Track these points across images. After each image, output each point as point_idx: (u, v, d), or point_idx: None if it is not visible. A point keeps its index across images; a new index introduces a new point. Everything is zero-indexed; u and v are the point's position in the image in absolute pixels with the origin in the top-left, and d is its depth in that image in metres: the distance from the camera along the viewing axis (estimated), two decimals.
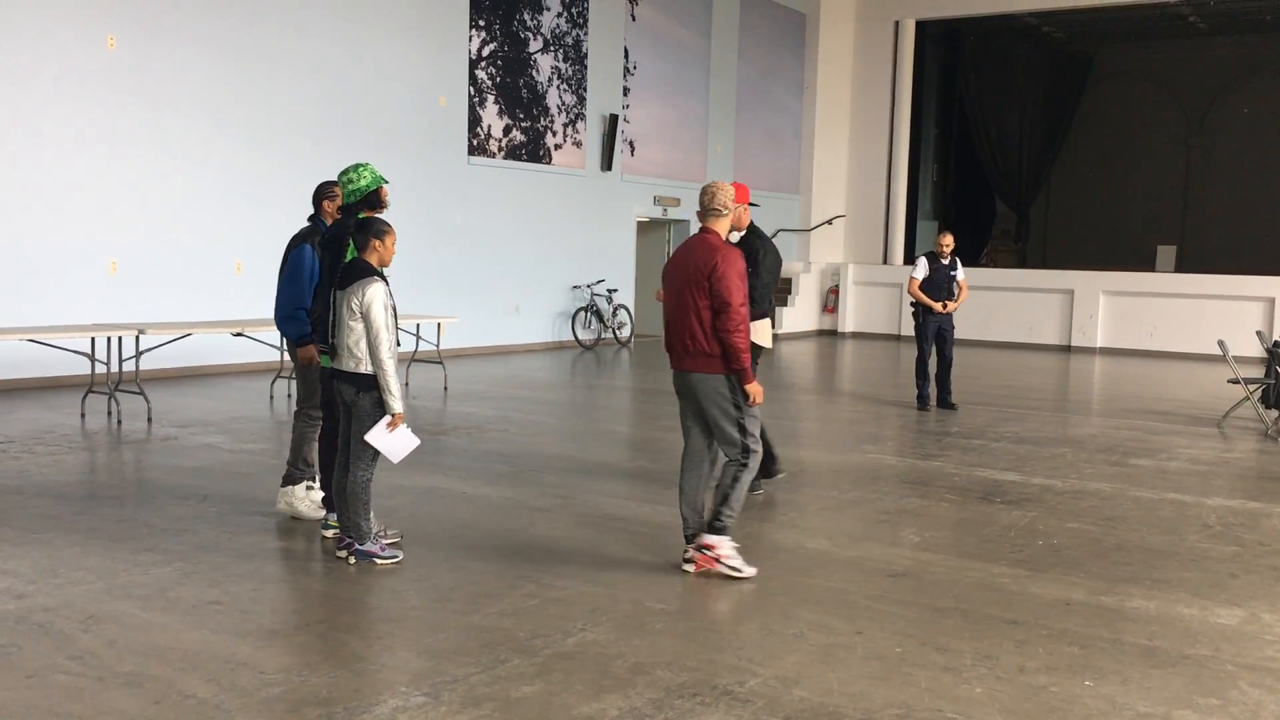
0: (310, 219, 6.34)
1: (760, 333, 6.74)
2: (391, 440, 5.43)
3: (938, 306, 11.25)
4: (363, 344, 5.37)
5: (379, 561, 5.45)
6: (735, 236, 6.93)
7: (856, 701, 3.93)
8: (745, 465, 5.42)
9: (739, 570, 5.36)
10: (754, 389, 5.40)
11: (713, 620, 4.79)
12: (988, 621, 4.82)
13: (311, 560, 5.62)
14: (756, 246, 6.88)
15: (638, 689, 3.99)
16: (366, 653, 4.30)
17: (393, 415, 5.39)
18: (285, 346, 6.58)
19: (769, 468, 7.26)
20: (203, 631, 4.47)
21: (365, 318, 5.33)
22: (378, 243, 5.46)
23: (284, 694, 3.88)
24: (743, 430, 5.43)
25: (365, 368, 5.38)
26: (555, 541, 5.99)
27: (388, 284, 5.48)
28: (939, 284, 11.28)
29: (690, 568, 5.44)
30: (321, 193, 6.33)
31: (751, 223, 6.98)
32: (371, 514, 5.52)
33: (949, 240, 11.38)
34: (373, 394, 5.40)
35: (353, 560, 5.46)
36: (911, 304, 11.52)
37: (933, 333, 11.34)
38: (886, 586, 5.30)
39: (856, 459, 8.69)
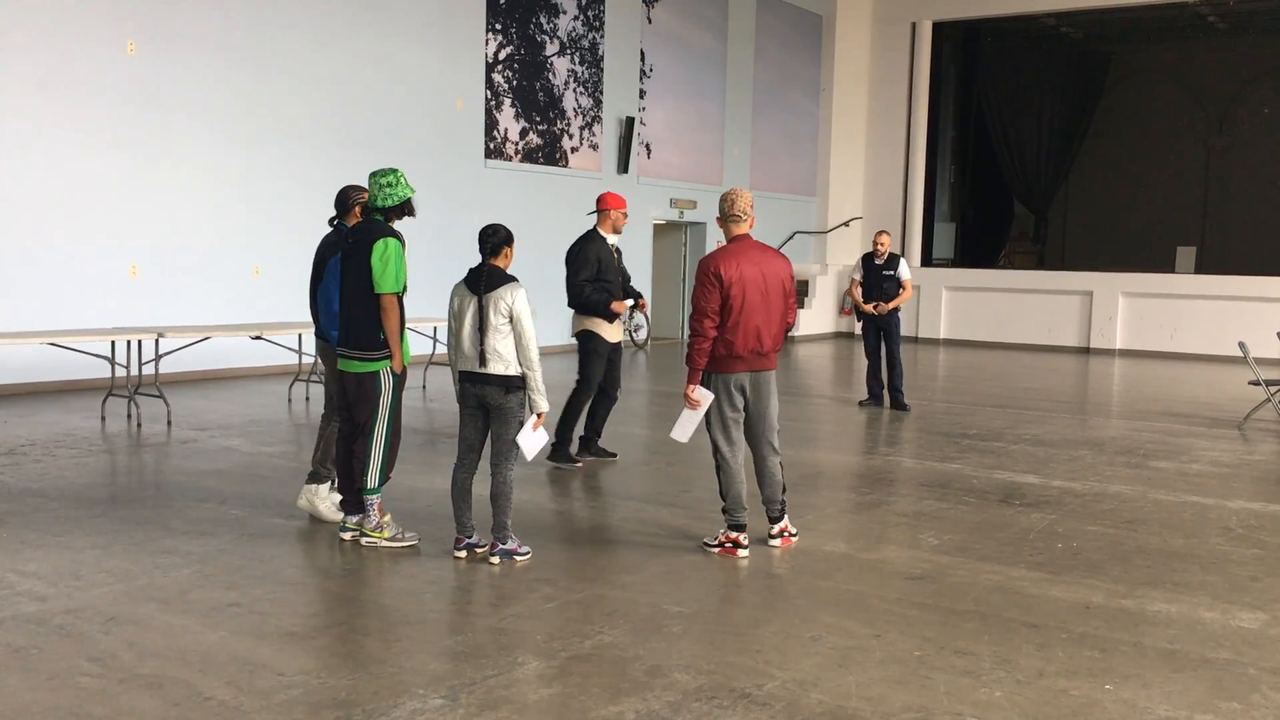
0: (335, 223, 6.30)
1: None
2: (534, 438, 5.59)
3: (868, 308, 11.30)
4: (511, 346, 5.48)
5: (519, 559, 5.56)
6: (614, 239, 8.28)
7: (875, 705, 3.91)
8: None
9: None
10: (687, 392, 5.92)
11: (730, 623, 4.78)
12: (1007, 625, 4.80)
13: (330, 563, 5.64)
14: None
15: (655, 692, 3.99)
16: (385, 655, 4.31)
17: (538, 415, 5.55)
18: (321, 349, 6.59)
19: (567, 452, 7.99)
20: (222, 633, 4.49)
21: (517, 322, 5.47)
22: (508, 249, 5.65)
23: (303, 696, 3.89)
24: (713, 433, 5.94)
25: (513, 370, 5.50)
26: (572, 544, 5.99)
27: None
28: (871, 285, 11.35)
29: (777, 543, 5.97)
30: (355, 198, 6.29)
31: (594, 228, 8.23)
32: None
33: (882, 239, 11.40)
34: (519, 394, 5.53)
35: (496, 560, 5.54)
36: (852, 305, 11.72)
37: (873, 334, 11.35)
38: (905, 589, 5.29)
39: (874, 461, 8.67)
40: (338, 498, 6.28)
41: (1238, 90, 25.83)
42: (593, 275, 8.01)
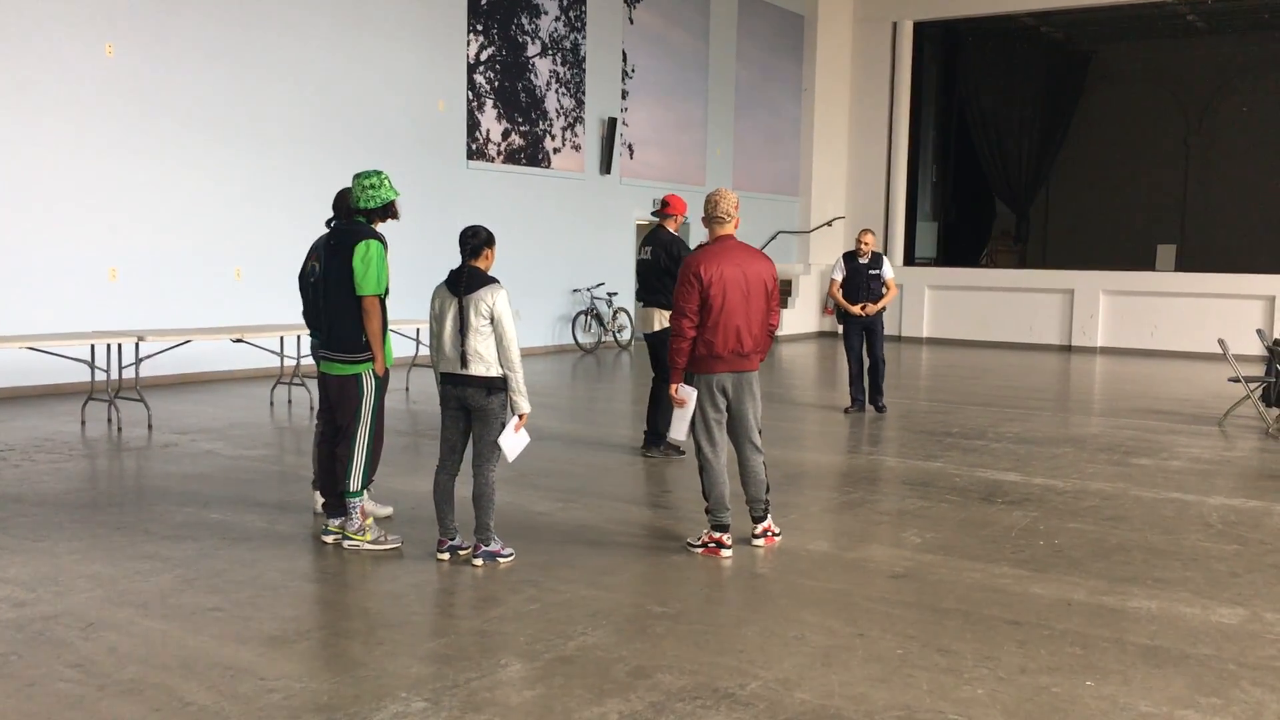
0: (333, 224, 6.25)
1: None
2: (515, 439, 5.56)
3: (855, 310, 10.89)
4: (492, 348, 5.46)
5: (502, 560, 5.55)
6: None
7: (858, 704, 3.92)
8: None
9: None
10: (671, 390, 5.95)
11: (714, 623, 4.78)
12: (989, 622, 4.81)
13: (312, 566, 5.61)
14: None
15: (638, 693, 3.98)
16: (367, 659, 4.29)
17: (520, 416, 5.52)
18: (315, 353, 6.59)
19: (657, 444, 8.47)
20: (203, 638, 4.46)
21: (498, 323, 5.44)
22: (489, 250, 5.61)
23: (284, 700, 3.87)
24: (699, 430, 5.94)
25: (494, 371, 5.47)
26: (555, 545, 5.98)
27: None
28: (857, 285, 10.93)
29: (760, 542, 5.99)
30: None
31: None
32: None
33: (868, 239, 10.98)
34: (501, 396, 5.51)
35: (479, 562, 5.53)
36: (834, 306, 11.25)
37: (857, 335, 10.97)
38: (888, 588, 5.30)
39: (857, 460, 8.69)
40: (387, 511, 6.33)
41: (1216, 88, 25.99)
42: None
